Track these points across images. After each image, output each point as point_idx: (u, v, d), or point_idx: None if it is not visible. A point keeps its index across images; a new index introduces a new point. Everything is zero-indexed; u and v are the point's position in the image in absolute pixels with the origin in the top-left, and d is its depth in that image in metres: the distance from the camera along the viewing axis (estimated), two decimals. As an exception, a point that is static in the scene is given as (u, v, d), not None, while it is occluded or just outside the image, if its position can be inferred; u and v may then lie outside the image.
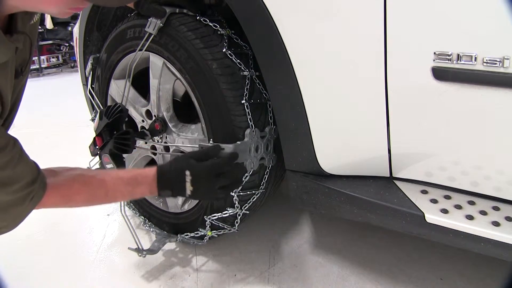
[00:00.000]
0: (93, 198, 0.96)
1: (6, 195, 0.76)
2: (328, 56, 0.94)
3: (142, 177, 1.00)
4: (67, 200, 0.92)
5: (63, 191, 0.90)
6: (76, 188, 0.92)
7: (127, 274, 1.33)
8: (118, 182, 0.98)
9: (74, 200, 0.93)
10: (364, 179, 1.07)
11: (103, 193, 0.96)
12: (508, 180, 0.89)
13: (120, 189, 0.98)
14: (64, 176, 0.92)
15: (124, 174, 1.01)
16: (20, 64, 0.83)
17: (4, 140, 0.74)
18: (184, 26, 1.14)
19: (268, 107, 1.17)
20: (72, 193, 0.92)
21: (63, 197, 0.90)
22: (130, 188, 0.99)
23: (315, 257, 1.37)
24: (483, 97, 0.80)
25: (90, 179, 0.95)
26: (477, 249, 0.89)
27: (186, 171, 1.00)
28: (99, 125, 1.26)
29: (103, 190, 0.96)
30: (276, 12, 0.95)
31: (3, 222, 0.79)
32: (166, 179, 1.01)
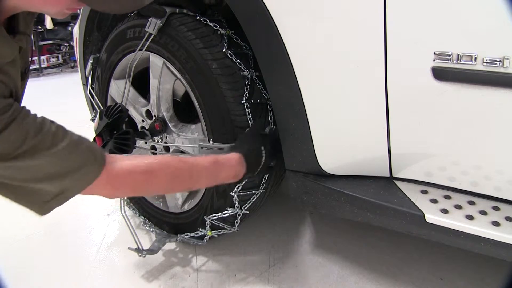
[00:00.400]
0: (177, 176, 0.88)
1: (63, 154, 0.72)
2: (328, 56, 0.94)
3: (225, 160, 0.97)
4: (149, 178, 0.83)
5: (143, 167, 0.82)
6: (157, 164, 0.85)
7: (127, 274, 1.33)
8: (201, 161, 0.92)
9: (157, 177, 0.85)
10: (364, 179, 1.07)
11: (187, 173, 0.90)
12: (508, 180, 0.89)
13: (204, 169, 0.92)
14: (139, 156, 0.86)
15: (204, 158, 0.95)
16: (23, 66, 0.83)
17: None
18: (184, 26, 1.14)
19: (268, 107, 1.17)
20: (154, 170, 0.84)
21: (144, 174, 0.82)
22: (214, 169, 0.94)
23: (315, 257, 1.37)
24: (483, 97, 0.80)
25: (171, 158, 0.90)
26: (477, 249, 0.89)
27: (262, 147, 1.03)
28: (99, 125, 1.26)
29: (187, 169, 0.89)
30: (276, 12, 0.95)
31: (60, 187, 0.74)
32: (252, 160, 1.01)
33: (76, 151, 0.75)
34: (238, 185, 1.18)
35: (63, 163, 0.73)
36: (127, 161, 0.82)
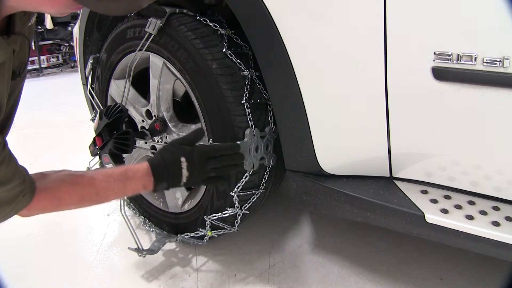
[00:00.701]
0: (83, 198, 0.92)
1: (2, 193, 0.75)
2: (328, 56, 0.94)
3: (132, 172, 0.96)
4: (56, 202, 0.88)
5: (52, 193, 0.87)
6: (65, 189, 0.89)
7: (127, 274, 1.33)
8: (108, 180, 0.94)
9: (64, 201, 0.89)
10: (364, 179, 1.07)
11: (93, 192, 0.92)
12: (508, 180, 0.89)
13: (111, 187, 0.94)
14: (52, 178, 0.88)
15: (113, 171, 0.96)
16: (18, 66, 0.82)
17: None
18: (184, 26, 1.14)
19: (268, 107, 1.17)
20: (61, 195, 0.88)
21: (52, 199, 0.87)
22: (121, 185, 0.95)
23: (315, 257, 1.37)
24: (483, 97, 0.80)
25: (78, 178, 0.91)
26: (477, 249, 0.89)
27: (182, 158, 0.99)
28: (99, 125, 1.26)
29: (94, 189, 0.92)
30: (276, 12, 0.95)
31: None
32: (162, 170, 0.98)
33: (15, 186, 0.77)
34: (238, 185, 1.18)
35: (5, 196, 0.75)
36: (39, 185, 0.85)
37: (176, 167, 0.99)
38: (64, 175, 0.91)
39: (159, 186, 0.99)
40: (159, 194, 1.52)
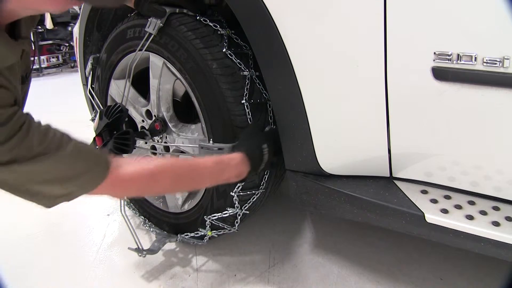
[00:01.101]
0: (179, 180, 0.91)
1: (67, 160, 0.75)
2: (328, 56, 0.94)
3: (228, 159, 0.97)
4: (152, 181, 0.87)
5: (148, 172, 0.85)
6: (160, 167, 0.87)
7: (127, 274, 1.33)
8: (204, 164, 0.94)
9: (161, 181, 0.88)
10: (364, 179, 1.06)
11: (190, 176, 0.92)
12: (508, 180, 0.89)
13: (208, 171, 0.94)
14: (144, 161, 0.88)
15: (208, 159, 0.97)
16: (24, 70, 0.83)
17: None
18: (184, 26, 1.14)
19: (268, 107, 1.17)
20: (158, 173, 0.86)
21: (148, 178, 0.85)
22: (218, 170, 0.95)
23: (315, 257, 1.37)
24: (483, 97, 0.80)
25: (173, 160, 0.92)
26: (477, 249, 0.89)
27: (263, 145, 1.03)
28: (99, 125, 1.26)
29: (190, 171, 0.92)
30: (276, 12, 0.95)
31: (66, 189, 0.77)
32: (255, 158, 1.01)
33: (82, 156, 0.78)
34: (238, 185, 1.18)
35: (69, 168, 0.76)
36: (131, 167, 0.85)
37: (262, 154, 1.03)
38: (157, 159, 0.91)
39: (252, 173, 1.02)
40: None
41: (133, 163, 0.86)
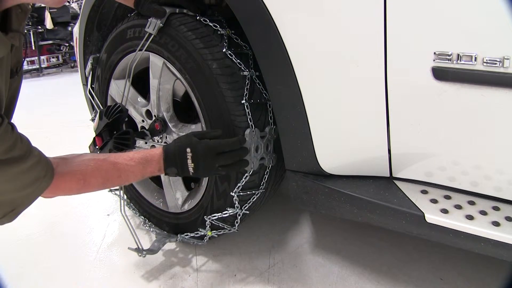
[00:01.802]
0: (107, 180, 0.97)
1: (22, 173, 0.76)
2: (328, 56, 0.94)
3: (151, 156, 1.04)
4: (83, 184, 0.92)
5: (78, 175, 0.91)
6: (91, 172, 0.93)
7: (127, 274, 1.33)
8: (129, 163, 1.00)
9: (90, 183, 0.93)
10: (364, 179, 1.07)
11: (116, 175, 0.98)
12: (508, 180, 0.89)
13: (133, 170, 1.00)
14: (76, 161, 0.92)
15: (134, 155, 1.03)
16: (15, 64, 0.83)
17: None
18: (184, 26, 1.14)
19: (268, 107, 1.17)
20: (87, 177, 0.92)
21: (79, 181, 0.91)
22: (141, 167, 1.02)
23: (315, 257, 1.37)
24: (483, 97, 0.80)
25: (102, 162, 0.96)
26: (477, 249, 0.89)
27: (187, 148, 1.05)
28: (99, 125, 1.26)
29: (117, 172, 0.98)
30: (276, 12, 0.95)
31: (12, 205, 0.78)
32: (171, 156, 1.05)
33: (34, 166, 0.79)
34: (238, 185, 1.18)
35: (20, 181, 0.77)
36: (64, 169, 0.88)
37: (182, 157, 1.06)
38: (88, 159, 0.95)
39: (169, 171, 1.06)
40: (159, 194, 1.53)
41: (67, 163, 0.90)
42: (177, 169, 1.06)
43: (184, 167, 1.06)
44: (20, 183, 0.77)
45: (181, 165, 1.06)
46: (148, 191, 1.54)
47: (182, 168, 1.06)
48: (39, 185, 0.81)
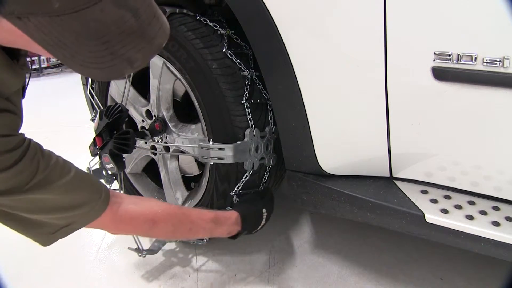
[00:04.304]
0: (177, 230, 0.95)
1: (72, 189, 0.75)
2: (328, 56, 0.94)
3: (224, 218, 1.04)
4: (151, 226, 0.89)
5: (148, 215, 0.88)
6: (162, 215, 0.90)
7: (127, 274, 1.33)
8: (202, 218, 0.99)
9: (159, 227, 0.90)
10: (364, 179, 1.07)
11: (188, 227, 0.96)
12: (508, 180, 0.89)
13: (204, 226, 0.99)
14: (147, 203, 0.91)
15: (206, 213, 1.03)
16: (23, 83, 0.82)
17: None
18: (184, 26, 1.14)
19: (268, 107, 1.17)
20: (158, 220, 0.89)
21: (147, 222, 0.88)
22: (213, 226, 1.00)
23: (315, 257, 1.37)
24: (483, 97, 0.80)
25: (175, 210, 0.96)
26: (477, 249, 0.89)
27: (263, 209, 1.13)
28: (99, 125, 1.26)
29: (189, 224, 0.96)
30: (276, 12, 0.95)
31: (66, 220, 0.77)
32: (249, 221, 1.10)
33: (82, 185, 0.78)
34: (238, 185, 1.18)
35: (70, 197, 0.75)
36: (133, 206, 0.86)
37: (258, 218, 1.12)
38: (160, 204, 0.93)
39: (241, 234, 1.10)
40: (159, 194, 1.53)
41: (136, 202, 0.88)
42: (248, 231, 1.10)
43: (255, 227, 1.12)
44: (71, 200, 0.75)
45: (255, 226, 1.12)
46: (148, 191, 1.54)
47: (253, 229, 1.12)
48: (94, 206, 0.79)
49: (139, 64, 0.59)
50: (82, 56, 0.54)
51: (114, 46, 0.54)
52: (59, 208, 0.74)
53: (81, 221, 0.80)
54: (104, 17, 0.51)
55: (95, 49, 0.53)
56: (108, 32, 0.53)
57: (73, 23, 0.50)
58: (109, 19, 0.52)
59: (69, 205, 0.75)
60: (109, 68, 0.56)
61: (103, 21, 0.52)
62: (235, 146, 1.12)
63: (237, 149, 1.12)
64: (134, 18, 0.54)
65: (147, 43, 0.57)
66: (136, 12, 0.54)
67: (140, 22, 0.55)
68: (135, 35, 0.55)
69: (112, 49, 0.54)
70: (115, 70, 0.57)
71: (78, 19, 0.50)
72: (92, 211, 0.80)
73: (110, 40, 0.53)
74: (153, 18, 0.57)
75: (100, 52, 0.54)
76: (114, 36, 0.53)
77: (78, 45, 0.53)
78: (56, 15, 0.49)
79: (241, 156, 1.13)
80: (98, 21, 0.51)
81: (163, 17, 0.60)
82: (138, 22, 0.54)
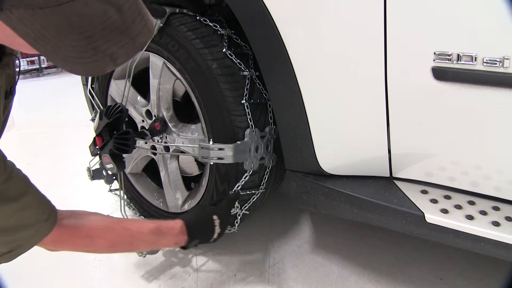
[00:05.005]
0: (116, 244, 0.93)
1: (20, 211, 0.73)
2: (328, 56, 0.94)
3: (167, 229, 1.00)
4: (88, 242, 0.88)
5: (86, 232, 0.86)
6: (99, 231, 0.88)
7: (127, 274, 1.33)
8: (142, 231, 0.96)
9: (96, 244, 0.89)
10: (364, 179, 1.07)
11: (127, 241, 0.94)
12: (508, 180, 0.89)
13: (144, 238, 0.96)
14: (86, 218, 0.88)
15: (148, 224, 1.00)
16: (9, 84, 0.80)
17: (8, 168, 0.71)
18: (184, 26, 1.14)
19: (268, 107, 1.17)
20: (95, 236, 0.88)
21: (84, 238, 0.87)
22: (155, 238, 0.97)
23: (315, 257, 1.37)
24: (483, 97, 0.80)
25: (114, 224, 0.93)
26: (477, 249, 0.89)
27: (214, 216, 1.07)
28: (99, 125, 1.26)
29: (128, 237, 0.94)
30: (276, 12, 0.95)
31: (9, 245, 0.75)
32: (197, 229, 1.04)
33: (33, 206, 0.75)
34: (238, 185, 1.18)
35: (19, 217, 0.73)
36: (72, 221, 0.84)
37: (209, 225, 1.06)
38: (99, 219, 0.91)
39: (192, 244, 1.04)
40: (159, 194, 1.53)
41: (76, 218, 0.86)
42: (200, 240, 1.05)
43: (208, 236, 1.07)
44: (18, 222, 0.73)
45: (206, 235, 1.06)
46: (148, 191, 1.54)
47: (206, 238, 1.06)
48: (40, 229, 0.76)
49: (122, 61, 0.58)
50: (64, 51, 0.53)
51: (96, 41, 0.53)
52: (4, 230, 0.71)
53: (27, 245, 0.77)
54: (87, 11, 0.51)
55: (78, 43, 0.53)
56: (91, 27, 0.52)
57: (56, 17, 0.50)
58: (93, 14, 0.52)
59: (15, 227, 0.72)
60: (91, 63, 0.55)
61: (87, 15, 0.51)
62: (235, 146, 1.12)
63: (237, 149, 1.12)
64: (118, 14, 0.53)
65: (131, 39, 0.56)
66: (121, 8, 0.54)
67: (124, 19, 0.54)
68: (118, 31, 0.54)
69: (94, 44, 0.53)
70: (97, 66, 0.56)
71: (61, 13, 0.50)
72: (37, 234, 0.77)
73: (93, 35, 0.53)
74: (137, 16, 0.56)
75: (83, 47, 0.53)
76: (97, 31, 0.53)
77: (61, 39, 0.52)
78: (39, 7, 0.49)
79: (241, 156, 1.13)
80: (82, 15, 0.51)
81: (149, 15, 0.59)
82: (122, 19, 0.54)
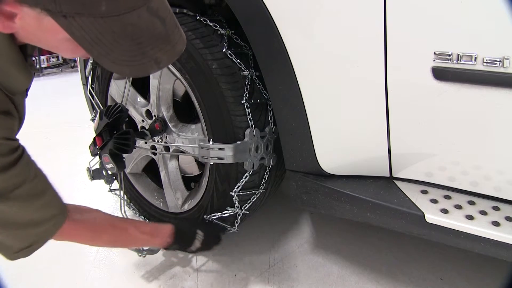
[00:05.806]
0: (117, 240, 1.06)
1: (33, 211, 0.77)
2: (328, 56, 0.94)
3: (159, 231, 1.14)
4: (94, 236, 0.97)
5: (92, 227, 0.95)
6: (104, 227, 0.99)
7: (127, 274, 1.33)
8: (139, 231, 1.09)
9: (100, 238, 0.99)
10: (364, 179, 1.07)
11: (126, 238, 1.06)
12: (508, 180, 0.89)
13: (140, 237, 1.09)
14: (92, 214, 0.98)
15: (145, 226, 1.17)
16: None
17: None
18: (184, 26, 1.14)
19: (268, 107, 1.17)
20: (100, 230, 0.98)
21: (91, 231, 0.95)
22: (149, 238, 1.11)
23: (315, 257, 1.37)
24: (483, 97, 0.80)
25: (116, 222, 1.05)
26: (477, 249, 0.90)
27: (198, 231, 1.20)
28: (99, 125, 1.26)
29: (127, 236, 1.05)
30: (276, 12, 0.95)
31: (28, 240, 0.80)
32: (182, 237, 1.17)
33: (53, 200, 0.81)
34: (238, 185, 1.18)
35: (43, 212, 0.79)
36: (81, 216, 0.92)
37: (192, 237, 1.19)
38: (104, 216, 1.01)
39: (172, 247, 1.17)
40: (159, 194, 1.53)
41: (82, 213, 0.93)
42: (180, 247, 1.18)
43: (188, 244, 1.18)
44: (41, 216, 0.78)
45: (186, 244, 1.18)
46: (148, 191, 1.54)
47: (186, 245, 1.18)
48: (55, 222, 0.82)
49: (164, 65, 0.67)
50: (116, 54, 0.60)
51: (145, 47, 0.61)
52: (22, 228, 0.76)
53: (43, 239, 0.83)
54: (139, 22, 0.59)
55: (129, 48, 0.60)
56: (142, 35, 0.60)
57: (114, 25, 0.57)
58: (144, 24, 0.60)
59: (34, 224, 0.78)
60: (138, 66, 0.63)
61: (139, 25, 0.59)
62: (235, 146, 1.12)
63: (237, 149, 1.12)
64: (162, 25, 0.62)
65: (172, 47, 0.65)
66: (164, 21, 0.62)
67: (167, 29, 0.63)
68: (163, 39, 0.63)
69: (143, 50, 0.61)
70: (143, 68, 0.64)
71: (119, 22, 0.57)
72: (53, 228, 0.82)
73: (143, 42, 0.61)
74: (175, 27, 0.66)
75: (133, 51, 0.61)
76: (146, 39, 0.61)
77: (115, 44, 0.59)
78: (100, 16, 0.56)
79: (241, 156, 1.13)
80: (135, 25, 0.59)
81: (181, 28, 0.69)
82: (165, 29, 0.63)
